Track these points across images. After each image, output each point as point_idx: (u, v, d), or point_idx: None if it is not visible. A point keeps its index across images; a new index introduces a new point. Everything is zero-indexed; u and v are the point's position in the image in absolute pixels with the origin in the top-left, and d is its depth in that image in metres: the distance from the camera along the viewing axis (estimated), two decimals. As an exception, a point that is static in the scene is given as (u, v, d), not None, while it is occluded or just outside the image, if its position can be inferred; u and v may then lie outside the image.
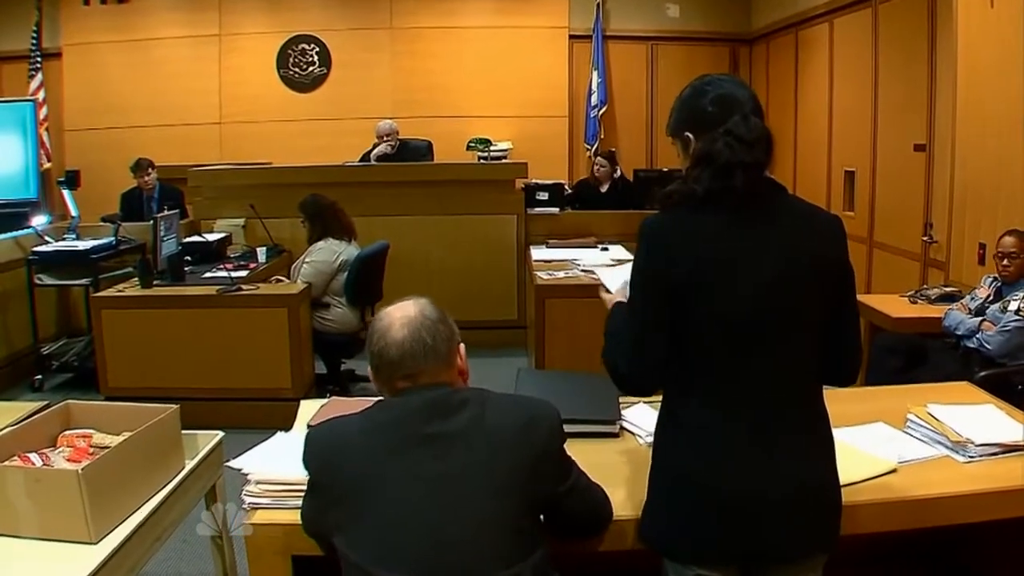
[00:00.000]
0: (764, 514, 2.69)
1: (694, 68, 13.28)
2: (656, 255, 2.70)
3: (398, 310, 2.77)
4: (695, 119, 2.79)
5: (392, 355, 2.70)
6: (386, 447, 2.61)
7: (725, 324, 2.67)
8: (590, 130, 14.15)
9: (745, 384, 2.69)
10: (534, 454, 2.64)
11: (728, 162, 2.65)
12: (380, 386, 2.78)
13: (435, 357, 2.72)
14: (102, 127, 13.81)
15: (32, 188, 12.07)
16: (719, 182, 2.65)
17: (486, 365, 7.59)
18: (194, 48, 13.95)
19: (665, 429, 2.85)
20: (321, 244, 8.26)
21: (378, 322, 2.77)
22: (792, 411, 2.74)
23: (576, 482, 2.80)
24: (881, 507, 3.14)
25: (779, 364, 2.71)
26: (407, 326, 2.72)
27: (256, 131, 13.84)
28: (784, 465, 2.70)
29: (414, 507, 2.54)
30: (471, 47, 14.05)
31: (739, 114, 2.70)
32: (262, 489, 3.18)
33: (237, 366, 7.71)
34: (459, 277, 10.24)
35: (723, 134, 2.68)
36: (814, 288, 2.72)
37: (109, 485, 3.25)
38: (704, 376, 2.72)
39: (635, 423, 3.82)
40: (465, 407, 2.65)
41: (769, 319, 2.68)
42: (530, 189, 10.76)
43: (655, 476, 2.88)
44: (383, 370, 2.73)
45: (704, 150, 2.71)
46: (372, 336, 2.76)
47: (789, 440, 2.72)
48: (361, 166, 10.88)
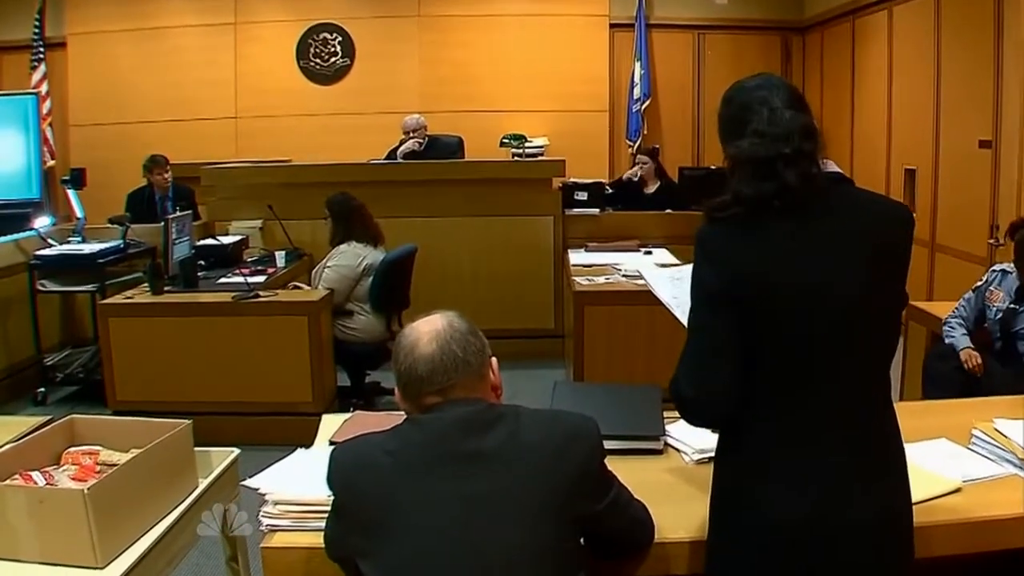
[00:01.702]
0: (839, 545, 2.66)
1: (743, 59, 13.35)
2: (715, 268, 2.67)
3: (424, 324, 2.77)
4: (726, 130, 2.81)
5: (421, 371, 2.68)
6: (415, 467, 2.59)
7: (791, 341, 2.64)
8: (632, 125, 14.15)
9: (813, 404, 2.66)
10: (573, 472, 2.62)
11: (760, 157, 2.64)
12: (408, 406, 2.76)
13: (467, 370, 2.70)
14: (109, 122, 13.90)
15: (34, 188, 12.11)
16: (767, 183, 2.62)
17: (520, 377, 7.61)
18: (208, 37, 14.02)
19: (726, 455, 2.83)
20: (344, 247, 8.25)
21: (404, 338, 2.76)
22: (865, 432, 2.71)
23: (616, 497, 2.79)
24: (943, 529, 3.11)
25: (850, 380, 2.68)
26: (435, 340, 2.71)
27: (274, 126, 13.90)
28: (860, 492, 2.67)
29: (446, 532, 2.52)
30: (505, 36, 14.07)
31: (766, 108, 2.69)
32: (281, 510, 3.18)
33: (254, 378, 7.71)
34: (491, 283, 10.25)
35: (749, 134, 2.68)
36: (880, 286, 2.69)
37: (117, 506, 3.25)
38: (768, 397, 2.68)
39: (681, 439, 3.79)
40: (500, 423, 2.64)
41: (838, 331, 2.64)
42: (568, 188, 10.72)
43: (716, 508, 2.86)
44: (411, 388, 2.72)
45: (734, 156, 2.72)
46: (398, 354, 2.75)
47: (863, 464, 2.69)
48: (387, 164, 10.89)
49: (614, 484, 2.80)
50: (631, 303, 7.73)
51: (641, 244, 9.99)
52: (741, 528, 2.76)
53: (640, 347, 7.58)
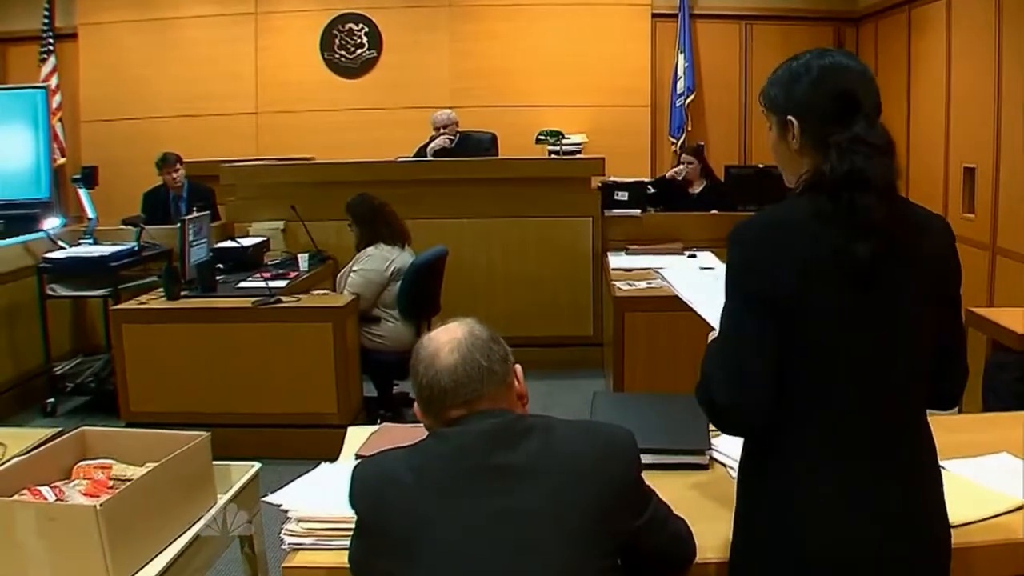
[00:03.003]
0: (877, 573, 2.64)
1: (793, 50, 13.01)
2: (752, 266, 2.65)
3: (443, 333, 2.77)
4: (806, 106, 2.74)
5: (444, 383, 2.68)
6: (442, 483, 2.58)
7: (830, 352, 2.62)
8: (675, 121, 14.06)
9: (850, 420, 2.64)
10: (610, 487, 2.61)
11: (880, 182, 2.59)
12: (430, 421, 2.76)
13: (492, 380, 2.70)
14: (123, 118, 13.94)
15: (44, 187, 12.17)
16: (866, 196, 2.56)
17: (557, 388, 7.60)
18: (227, 28, 14.06)
19: (751, 477, 2.82)
20: (371, 250, 8.25)
21: (422, 350, 2.75)
22: (903, 449, 2.69)
23: (655, 513, 2.77)
24: (1004, 549, 3.08)
25: (895, 398, 2.67)
26: (457, 349, 2.70)
27: (297, 122, 13.93)
28: (900, 518, 2.64)
29: (476, 550, 2.51)
30: (541, 27, 14.01)
31: (863, 116, 2.66)
32: (305, 528, 3.18)
33: (276, 388, 7.72)
34: (526, 288, 10.22)
35: (854, 142, 2.62)
36: (925, 302, 2.68)
37: (131, 523, 3.26)
38: (802, 409, 2.66)
39: (727, 453, 3.79)
40: (531, 435, 2.63)
41: (879, 347, 2.62)
42: (608, 188, 10.65)
43: (740, 531, 2.85)
44: (434, 403, 2.71)
45: (845, 170, 2.61)
46: (417, 367, 2.74)
47: (901, 483, 2.66)
48: (416, 162, 10.91)
49: (653, 499, 2.78)
50: (674, 309, 7.51)
51: (685, 247, 9.88)
52: (770, 554, 2.74)
53: (684, 356, 7.43)
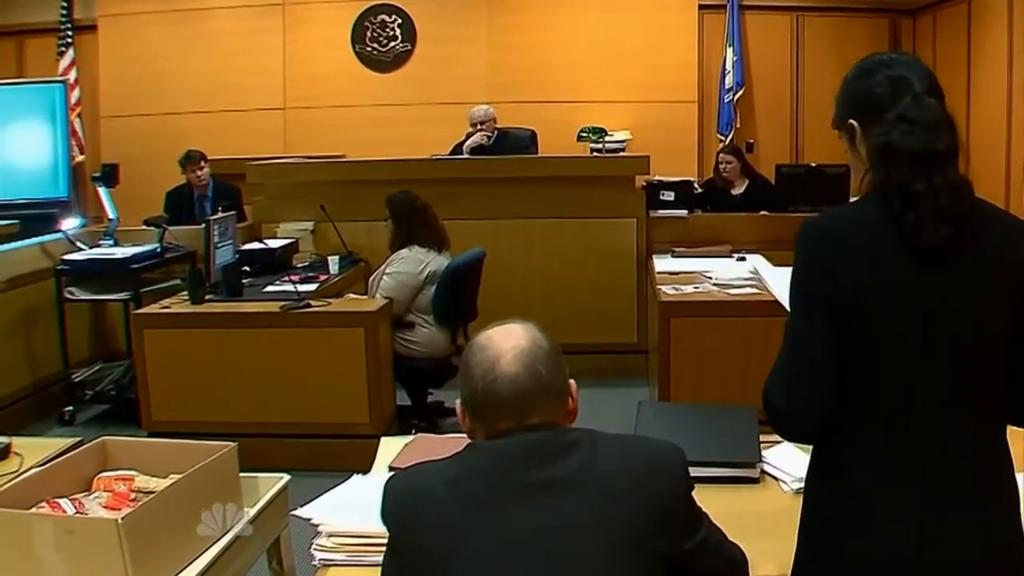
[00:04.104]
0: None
1: (847, 44, 13.26)
2: (816, 266, 2.65)
3: (506, 338, 2.71)
4: (861, 103, 2.74)
5: (504, 393, 2.63)
6: (479, 499, 2.56)
7: (897, 356, 2.60)
8: (724, 117, 14.07)
9: (921, 428, 2.62)
10: (656, 506, 2.57)
11: (913, 151, 2.57)
12: (476, 428, 2.72)
13: (550, 395, 2.67)
14: (144, 113, 14.04)
15: (62, 186, 12.17)
16: (918, 182, 2.56)
17: (599, 397, 7.59)
18: (253, 20, 14.14)
19: (818, 483, 2.80)
20: (404, 252, 8.23)
21: (480, 352, 2.70)
22: (979, 463, 2.66)
23: (706, 537, 2.72)
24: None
25: (964, 405, 2.63)
26: (520, 359, 2.65)
27: (327, 118, 13.98)
28: (969, 532, 2.61)
29: (512, 569, 2.49)
30: (583, 19, 14.03)
31: (909, 93, 2.64)
32: (336, 543, 3.19)
33: (305, 397, 7.72)
34: (567, 292, 10.20)
35: (896, 120, 2.62)
36: (1007, 310, 2.64)
37: (154, 537, 3.27)
38: (869, 417, 2.65)
39: (779, 466, 3.80)
40: (575, 450, 2.59)
41: (952, 355, 2.60)
42: (653, 187, 10.62)
43: (804, 540, 2.83)
44: (487, 410, 2.66)
45: (880, 143, 2.64)
46: (474, 369, 2.68)
47: (973, 501, 2.63)
48: (451, 160, 10.92)
49: (704, 521, 2.75)
50: (723, 314, 7.72)
51: (734, 249, 9.87)
52: (830, 571, 2.73)
53: (733, 363, 7.52)
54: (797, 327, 2.69)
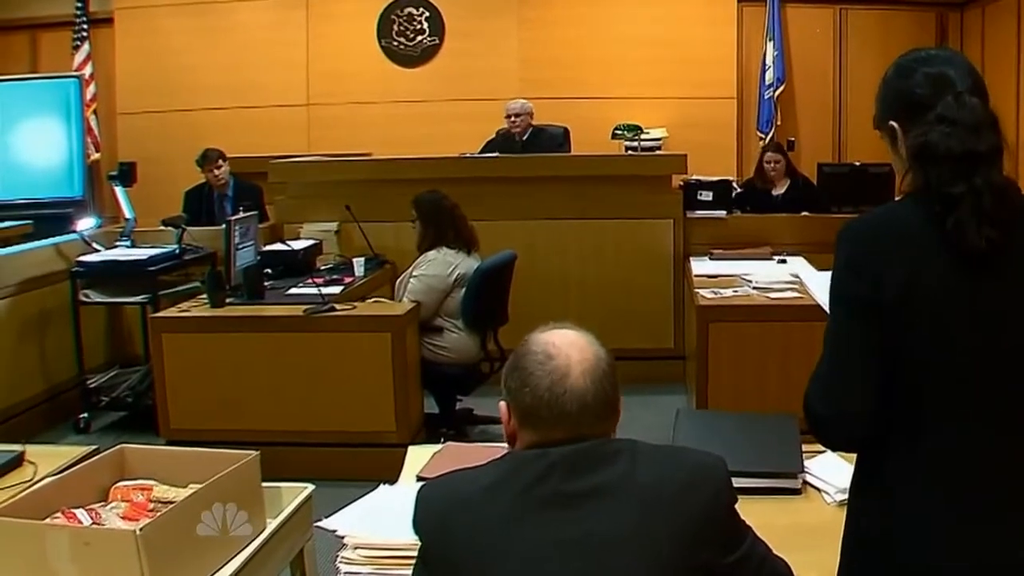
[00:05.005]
0: None
1: (891, 38, 13.21)
2: (857, 268, 2.64)
3: (572, 348, 2.66)
4: (901, 104, 2.74)
5: (571, 408, 2.59)
6: (516, 508, 2.54)
7: (943, 361, 2.59)
8: (764, 114, 14.04)
9: (970, 433, 2.60)
10: (697, 518, 2.56)
11: (952, 153, 2.57)
12: (524, 434, 2.68)
13: (608, 409, 2.65)
14: (162, 110, 14.08)
15: (77, 185, 12.22)
16: (958, 184, 2.55)
17: (635, 404, 7.57)
18: (276, 13, 14.18)
19: (863, 493, 2.79)
20: (432, 254, 8.23)
21: (549, 361, 2.64)
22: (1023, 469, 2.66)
23: (750, 551, 2.69)
24: None
25: (1013, 409, 2.62)
26: (589, 374, 2.61)
27: (352, 115, 14.00)
28: (1014, 546, 2.60)
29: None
30: (618, 12, 14.01)
31: (950, 92, 2.63)
32: (362, 556, 3.19)
33: (329, 404, 7.72)
34: (601, 296, 10.17)
35: (935, 120, 2.61)
36: None
37: (173, 549, 3.26)
38: (914, 424, 2.64)
39: (822, 477, 3.79)
40: (615, 459, 2.58)
41: (1001, 355, 2.59)
42: (690, 187, 10.61)
43: (849, 554, 2.83)
44: (547, 421, 2.61)
45: (918, 144, 2.64)
46: (540, 378, 2.62)
47: (1020, 510, 2.62)
48: (481, 159, 10.94)
49: (747, 535, 2.72)
50: (763, 319, 7.72)
51: (774, 251, 9.87)
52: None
53: (774, 369, 7.53)
54: (838, 331, 2.69)
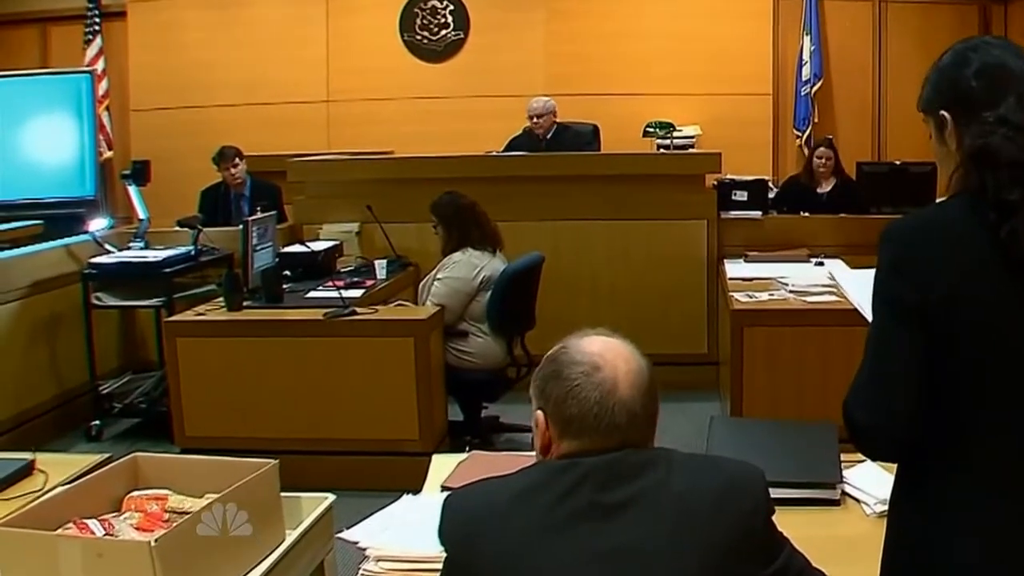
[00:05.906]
0: None
1: (933, 33, 13.17)
2: (903, 271, 2.61)
3: (620, 360, 2.65)
4: (954, 95, 2.68)
5: (620, 420, 2.58)
6: (544, 518, 2.52)
7: (990, 370, 2.56)
8: (801, 111, 14.00)
9: (1007, 444, 2.58)
10: (733, 529, 2.55)
11: (1014, 159, 2.52)
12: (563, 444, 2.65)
13: (651, 420, 2.66)
14: (177, 106, 14.10)
15: (89, 184, 12.29)
16: (1014, 190, 2.51)
17: (668, 411, 7.51)
18: (295, 7, 14.20)
19: (904, 505, 2.77)
20: (457, 256, 8.21)
21: (596, 372, 2.62)
22: None
23: (788, 563, 2.69)
24: None
25: None
26: (637, 385, 2.62)
27: (373, 112, 13.99)
28: None
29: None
30: (648, 6, 13.99)
31: (1014, 94, 2.58)
32: (384, 568, 3.18)
33: (350, 411, 7.71)
34: (632, 299, 10.14)
35: (996, 123, 2.56)
36: None
37: (189, 561, 3.26)
38: (960, 434, 2.61)
39: (861, 487, 3.78)
40: (650, 469, 2.57)
41: None
42: (724, 187, 10.61)
43: (889, 567, 2.81)
44: (592, 432, 2.60)
45: (977, 146, 2.59)
46: (588, 390, 2.60)
47: None
48: (507, 157, 10.95)
49: (785, 547, 2.71)
50: (800, 323, 7.71)
51: (811, 253, 9.80)
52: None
53: (811, 376, 7.51)
54: (880, 335, 2.66)
